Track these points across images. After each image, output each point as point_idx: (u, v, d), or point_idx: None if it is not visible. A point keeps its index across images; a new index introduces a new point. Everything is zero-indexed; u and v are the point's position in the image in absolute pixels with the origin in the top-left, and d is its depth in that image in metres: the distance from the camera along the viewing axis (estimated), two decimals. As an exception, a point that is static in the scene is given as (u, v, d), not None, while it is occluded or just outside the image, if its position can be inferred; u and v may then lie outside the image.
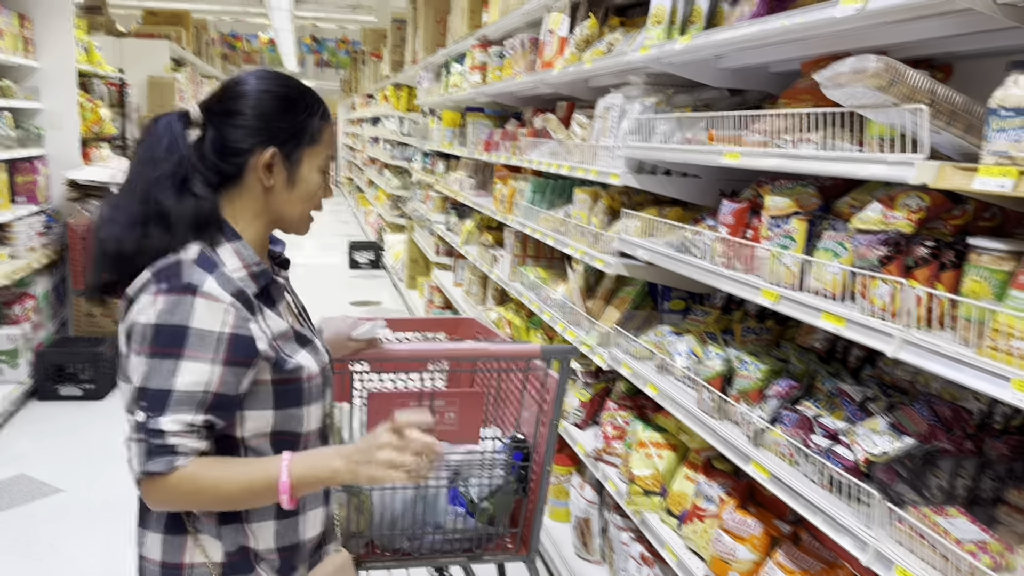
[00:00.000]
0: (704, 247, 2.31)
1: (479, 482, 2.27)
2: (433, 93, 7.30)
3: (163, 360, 1.30)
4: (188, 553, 1.43)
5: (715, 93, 2.84)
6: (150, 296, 1.33)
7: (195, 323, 1.31)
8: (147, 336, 1.31)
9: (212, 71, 14.93)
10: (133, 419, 1.32)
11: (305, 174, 1.50)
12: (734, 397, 2.19)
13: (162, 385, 1.30)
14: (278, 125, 1.46)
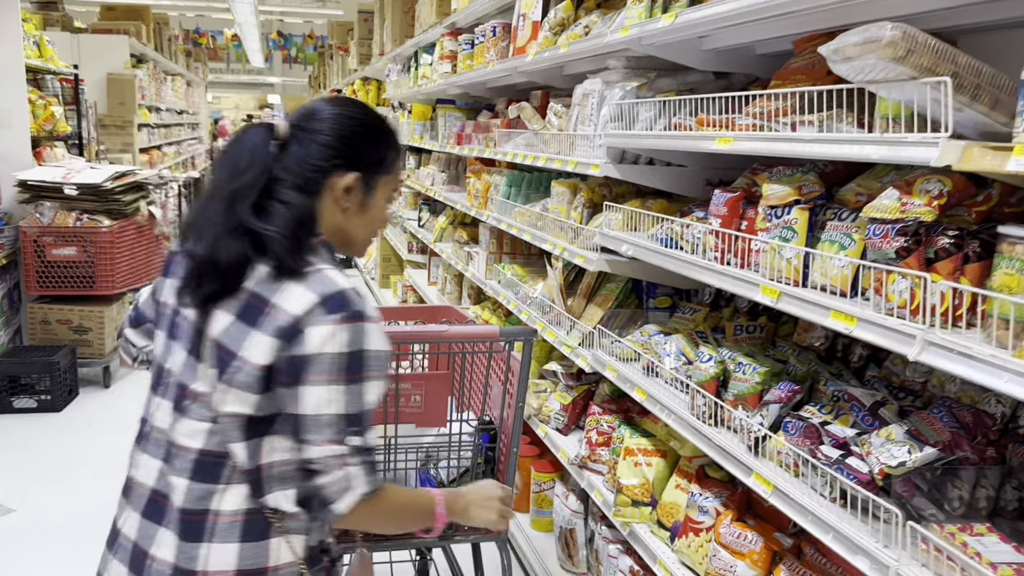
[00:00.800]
0: (694, 240, 2.15)
1: (448, 464, 2.29)
2: (402, 86, 7.09)
3: (357, 384, 1.38)
4: (273, 555, 1.44)
5: (699, 76, 2.68)
6: (330, 327, 1.36)
7: (371, 346, 1.39)
8: (341, 366, 1.36)
9: (175, 68, 14.57)
10: (346, 447, 1.38)
11: (377, 201, 1.58)
12: (730, 402, 2.03)
13: (360, 408, 1.39)
14: (361, 152, 1.53)
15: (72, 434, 4.77)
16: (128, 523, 1.50)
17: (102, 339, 5.46)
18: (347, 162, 1.51)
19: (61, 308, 5.42)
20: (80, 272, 5.37)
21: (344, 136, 1.51)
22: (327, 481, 1.37)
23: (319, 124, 1.51)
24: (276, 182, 1.44)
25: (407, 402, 2.17)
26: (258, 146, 1.46)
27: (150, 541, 1.43)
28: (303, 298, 1.37)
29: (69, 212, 5.35)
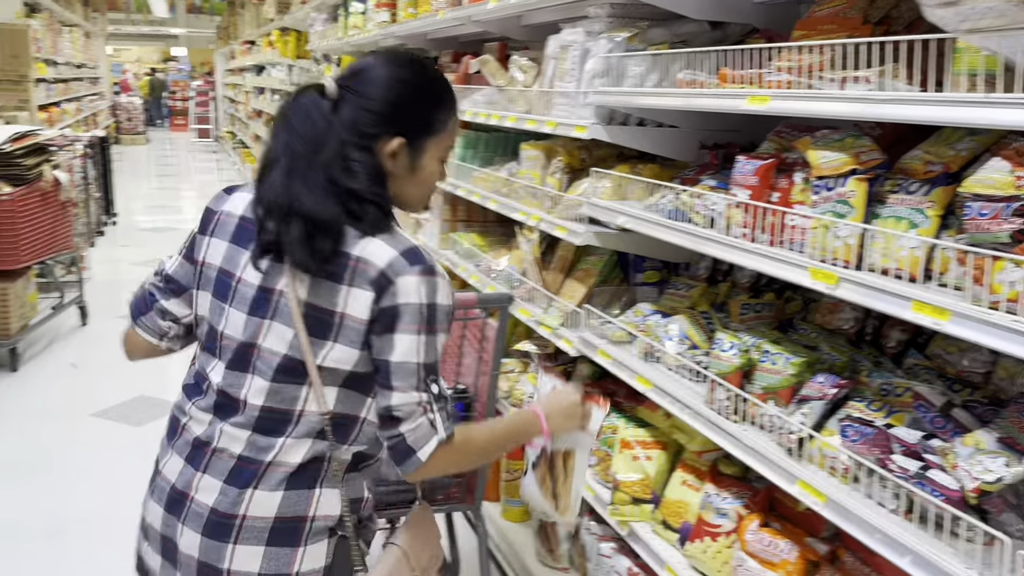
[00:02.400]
0: (709, 213, 1.90)
1: None
2: (328, 36, 6.63)
3: (434, 336, 1.42)
4: (315, 505, 1.45)
5: (693, 27, 2.42)
6: (415, 278, 1.40)
7: (446, 300, 1.44)
8: (423, 316, 1.40)
9: (72, 18, 13.51)
10: (428, 394, 1.42)
11: (426, 163, 1.53)
12: (759, 396, 1.81)
13: (435, 358, 1.43)
14: (409, 116, 1.48)
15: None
16: (170, 467, 1.51)
17: (7, 318, 4.93)
18: (394, 127, 1.46)
19: (-41, 285, 4.86)
20: (-21, 245, 4.82)
21: (391, 101, 1.46)
22: (410, 428, 1.41)
23: (366, 87, 1.46)
24: (343, 145, 1.44)
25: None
26: (322, 109, 1.44)
27: (193, 487, 1.46)
28: (386, 251, 1.41)
29: (-37, 178, 4.78)
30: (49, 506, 3.50)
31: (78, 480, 3.72)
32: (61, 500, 3.55)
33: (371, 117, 1.45)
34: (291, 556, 1.43)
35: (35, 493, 3.60)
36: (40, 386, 4.90)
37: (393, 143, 1.46)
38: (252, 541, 1.42)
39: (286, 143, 1.45)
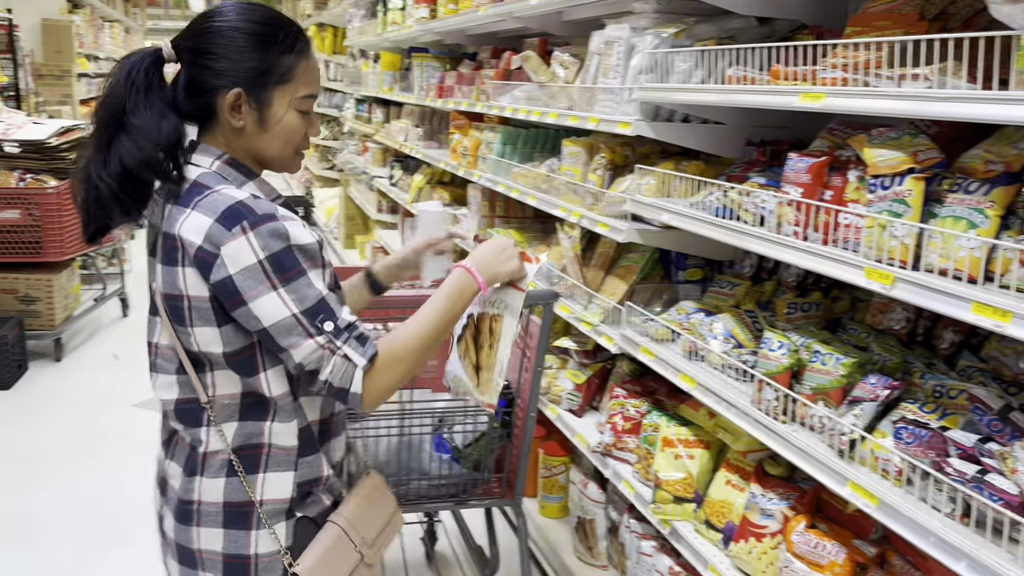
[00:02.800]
0: (758, 211, 1.88)
1: (463, 429, 2.30)
2: (367, 32, 6.66)
3: (299, 279, 1.35)
4: (259, 490, 1.45)
5: (741, 22, 2.39)
6: (238, 241, 1.33)
7: (290, 241, 1.35)
8: (267, 271, 1.33)
9: (113, 13, 13.71)
10: (325, 335, 1.35)
11: (278, 114, 1.44)
12: (808, 397, 1.79)
13: (314, 297, 1.36)
14: (244, 65, 1.41)
15: (24, 415, 4.38)
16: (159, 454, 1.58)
17: (52, 309, 5.04)
18: (231, 79, 1.40)
19: (5, 276, 4.96)
20: (25, 237, 4.92)
21: (222, 49, 1.40)
22: (327, 374, 1.37)
23: (197, 41, 1.42)
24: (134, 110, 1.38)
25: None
26: (122, 77, 1.40)
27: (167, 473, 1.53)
28: (202, 223, 1.35)
29: (11, 172, 4.87)
30: (92, 492, 3.56)
31: (119, 468, 3.78)
32: (103, 486, 3.61)
33: (206, 72, 1.41)
34: (246, 538, 1.45)
35: (78, 479, 3.67)
36: (83, 376, 5.00)
37: (229, 96, 1.40)
38: (211, 524, 1.46)
39: (95, 114, 1.44)
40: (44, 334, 5.05)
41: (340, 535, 1.51)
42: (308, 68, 1.46)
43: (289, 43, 1.43)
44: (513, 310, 1.59)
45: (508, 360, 1.58)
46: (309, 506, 1.50)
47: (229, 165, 1.45)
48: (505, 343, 1.57)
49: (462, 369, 1.62)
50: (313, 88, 1.48)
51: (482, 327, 1.60)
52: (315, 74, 1.49)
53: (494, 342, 1.57)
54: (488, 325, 1.60)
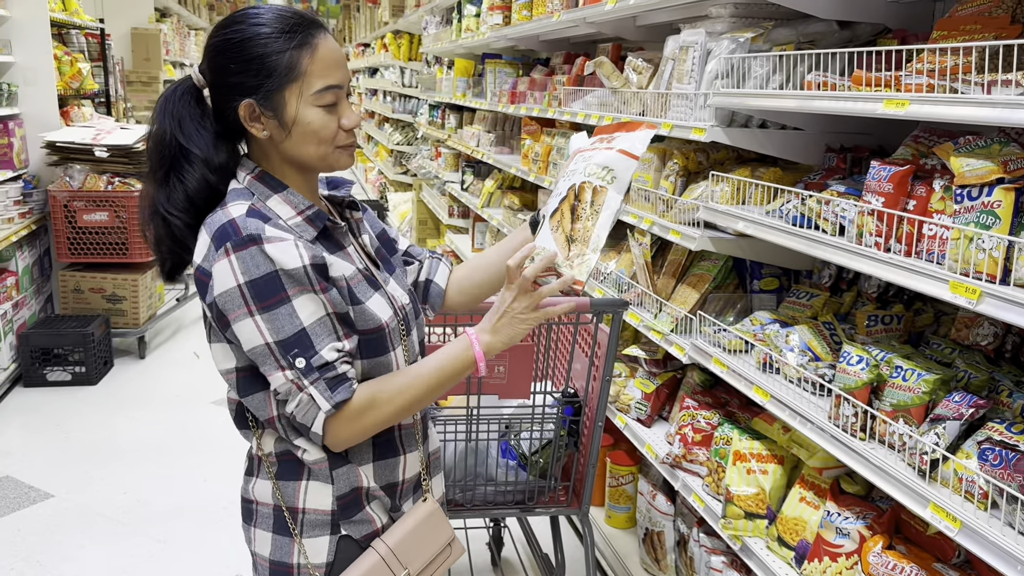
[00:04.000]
0: (838, 220, 1.83)
1: (530, 436, 2.30)
2: (442, 39, 6.72)
3: (278, 308, 1.30)
4: (301, 497, 1.44)
5: (821, 26, 2.33)
6: (222, 263, 1.30)
7: (276, 266, 1.30)
8: (246, 297, 1.30)
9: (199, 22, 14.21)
10: (294, 371, 1.32)
11: (296, 114, 1.38)
12: (887, 414, 1.72)
13: (293, 329, 1.31)
14: (247, 74, 1.36)
15: (109, 409, 4.55)
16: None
17: (136, 308, 5.23)
18: (237, 92, 1.37)
19: (94, 276, 5.18)
20: (113, 238, 5.12)
21: (218, 66, 1.38)
22: (292, 408, 1.35)
23: (205, 62, 1.41)
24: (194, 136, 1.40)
25: (490, 373, 2.18)
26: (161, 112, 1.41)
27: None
28: (203, 243, 1.35)
29: (100, 175, 5.08)
30: (172, 486, 3.68)
31: (197, 462, 3.90)
32: (182, 480, 3.73)
33: (217, 92, 1.39)
34: (290, 547, 1.46)
35: (159, 472, 3.79)
36: (164, 373, 5.17)
37: (242, 109, 1.37)
38: (264, 526, 1.48)
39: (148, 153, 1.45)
40: (128, 332, 5.25)
41: (379, 563, 1.46)
42: (316, 59, 1.36)
43: (286, 39, 1.35)
44: (621, 183, 1.44)
45: (605, 238, 1.41)
46: (356, 524, 1.47)
47: (258, 179, 1.42)
48: (606, 217, 1.41)
49: (552, 240, 1.41)
50: (329, 78, 1.37)
51: (583, 197, 1.42)
52: (328, 63, 1.38)
53: (593, 214, 1.40)
54: (590, 196, 1.43)
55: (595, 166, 1.45)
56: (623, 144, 1.47)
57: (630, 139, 1.48)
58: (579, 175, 1.45)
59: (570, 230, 1.41)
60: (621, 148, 1.45)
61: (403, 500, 1.55)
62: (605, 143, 1.50)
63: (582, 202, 1.42)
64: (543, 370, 2.36)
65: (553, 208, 1.44)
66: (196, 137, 1.39)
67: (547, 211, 1.46)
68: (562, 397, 2.26)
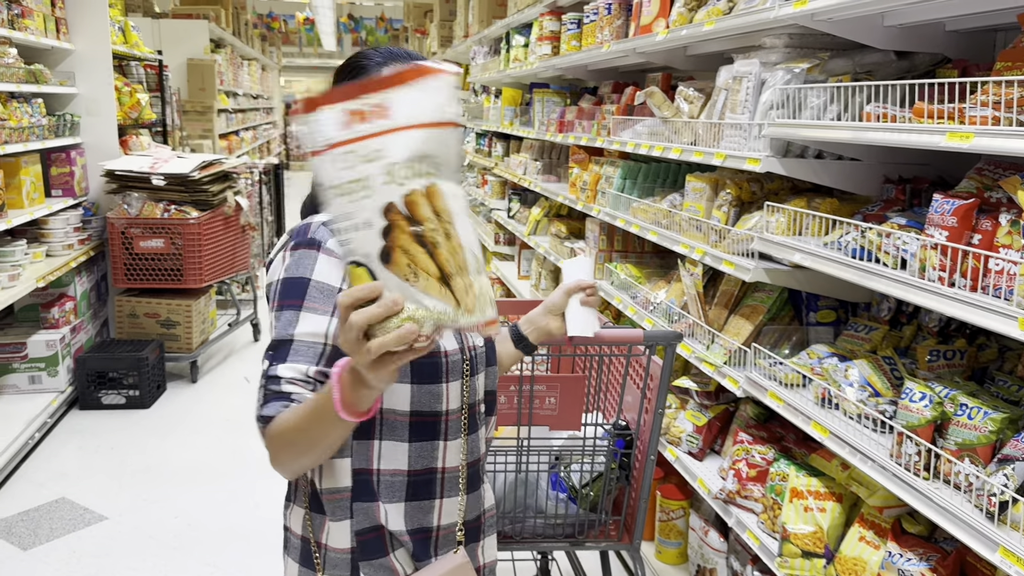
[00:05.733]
0: (899, 254, 1.79)
1: (581, 468, 2.26)
2: (489, 69, 6.79)
3: (287, 311, 1.32)
4: (324, 532, 1.41)
5: (878, 57, 2.30)
6: (280, 255, 1.37)
7: (316, 275, 1.33)
8: (277, 291, 1.34)
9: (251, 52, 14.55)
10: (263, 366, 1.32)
11: None
12: (952, 453, 1.67)
13: (284, 334, 1.31)
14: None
15: (161, 433, 4.63)
16: None
17: (189, 333, 5.32)
18: None
19: (149, 301, 5.29)
20: (168, 264, 5.23)
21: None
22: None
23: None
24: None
25: (541, 404, 2.16)
26: None
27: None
28: (282, 239, 1.42)
29: (156, 203, 5.20)
30: (225, 511, 3.72)
31: (251, 487, 3.93)
32: (236, 506, 3.76)
33: None
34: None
35: (210, 496, 3.84)
36: (216, 397, 5.24)
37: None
38: (293, 555, 1.46)
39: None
40: (181, 357, 5.34)
41: None
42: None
43: (357, 65, 1.45)
44: (448, 166, 1.00)
45: (478, 244, 1.02)
46: (376, 569, 1.40)
47: None
48: (464, 224, 1.00)
49: (419, 292, 0.98)
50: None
51: (419, 213, 0.97)
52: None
53: (448, 228, 0.98)
54: (428, 208, 0.98)
55: (398, 163, 0.97)
56: (416, 113, 0.97)
57: (422, 100, 0.98)
58: (385, 185, 0.97)
59: (437, 267, 0.98)
60: (419, 122, 0.97)
61: (440, 550, 1.46)
62: (375, 120, 0.97)
63: (424, 221, 0.97)
64: (594, 402, 2.34)
65: (379, 248, 0.97)
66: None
67: (364, 252, 0.98)
68: (613, 430, 2.23)
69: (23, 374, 4.67)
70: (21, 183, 4.61)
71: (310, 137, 0.99)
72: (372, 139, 0.96)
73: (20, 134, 4.43)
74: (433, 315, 0.98)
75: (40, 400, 4.56)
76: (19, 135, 4.41)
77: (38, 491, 3.89)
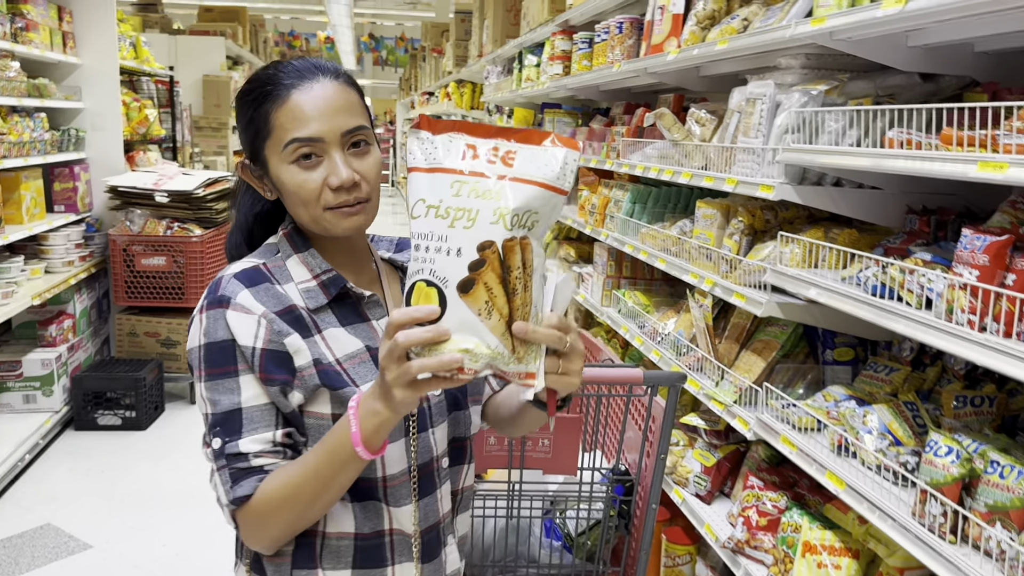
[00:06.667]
0: (924, 293, 1.64)
1: (577, 515, 2.11)
2: (502, 89, 6.69)
3: (222, 379, 1.19)
4: None
5: (901, 79, 2.16)
6: (197, 318, 1.23)
7: (231, 336, 1.19)
8: (201, 358, 1.21)
9: (269, 70, 14.58)
10: (211, 450, 1.20)
11: (277, 174, 1.25)
12: (982, 516, 1.51)
13: (229, 405, 1.19)
14: (242, 132, 1.30)
15: (155, 456, 4.51)
16: None
17: (189, 353, 5.21)
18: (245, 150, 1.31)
19: (149, 320, 5.19)
20: (170, 283, 5.14)
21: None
22: (215, 497, 1.21)
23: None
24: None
25: (534, 446, 2.03)
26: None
27: None
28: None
29: (160, 220, 5.12)
30: (213, 540, 3.57)
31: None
32: (224, 535, 3.62)
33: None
34: None
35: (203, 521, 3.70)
36: (214, 420, 5.11)
37: (237, 168, 1.33)
38: None
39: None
40: (181, 377, 5.23)
41: None
42: (285, 110, 1.21)
43: (263, 91, 1.23)
44: (542, 229, 1.05)
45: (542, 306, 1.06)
46: None
47: (288, 235, 1.32)
48: (540, 284, 1.05)
49: (487, 329, 1.01)
50: (295, 130, 1.20)
51: (511, 260, 1.01)
52: (298, 113, 1.21)
53: (528, 281, 1.03)
54: (519, 257, 1.02)
55: (510, 209, 1.01)
56: (539, 171, 1.03)
57: (548, 163, 1.04)
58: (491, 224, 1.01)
59: (508, 310, 1.01)
60: (541, 180, 1.03)
61: None
62: (496, 163, 1.04)
63: (512, 268, 1.01)
64: (592, 443, 2.19)
65: (462, 277, 1.00)
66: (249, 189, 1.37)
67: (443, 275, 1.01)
68: (612, 475, 2.08)
69: (17, 393, 4.57)
70: (21, 198, 4.53)
71: (420, 155, 1.06)
72: (490, 180, 1.03)
73: (20, 148, 4.35)
74: (492, 354, 1.01)
75: (33, 420, 4.45)
76: (19, 149, 4.34)
77: (24, 516, 3.77)
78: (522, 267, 1.02)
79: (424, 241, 1.02)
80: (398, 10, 18.31)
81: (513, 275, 1.01)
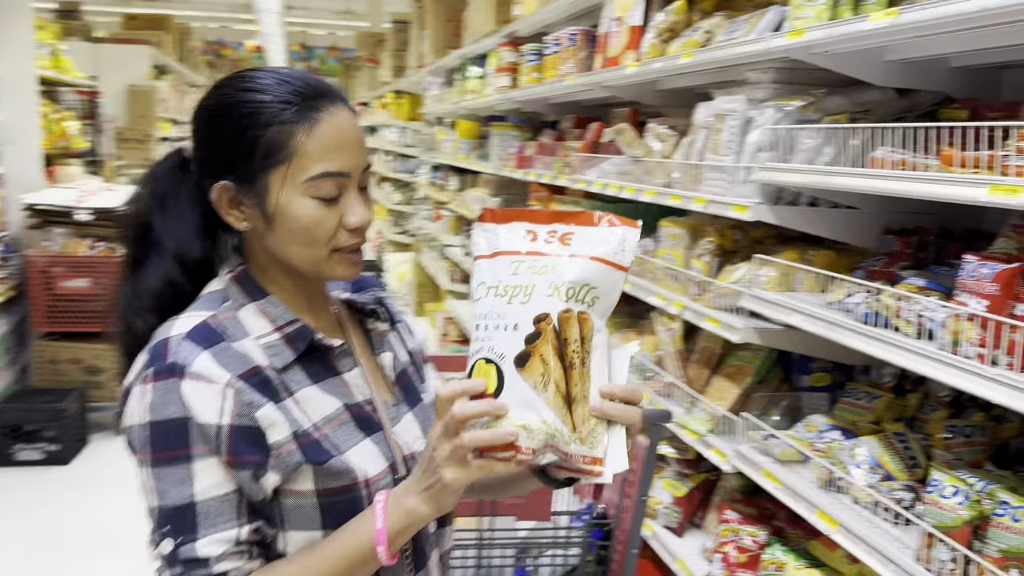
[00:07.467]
0: (921, 323, 1.55)
1: (552, 562, 1.98)
2: (444, 100, 6.54)
3: (171, 466, 1.01)
4: None
5: (876, 94, 2.09)
6: (138, 388, 1.03)
7: (193, 413, 1.01)
8: (145, 440, 1.02)
9: (198, 79, 14.13)
10: (159, 551, 1.03)
11: (282, 205, 1.07)
12: (995, 561, 1.42)
13: (180, 499, 1.01)
14: (219, 151, 1.09)
15: (82, 493, 4.20)
16: None
17: (116, 380, 4.90)
18: (215, 170, 1.10)
19: (72, 346, 4.87)
20: (93, 306, 4.82)
21: (199, 136, 1.12)
22: None
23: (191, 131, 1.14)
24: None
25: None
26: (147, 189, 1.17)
27: None
28: (141, 356, 1.07)
29: (82, 239, 4.81)
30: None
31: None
32: None
33: (198, 167, 1.13)
34: None
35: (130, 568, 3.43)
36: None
37: (214, 192, 1.10)
38: None
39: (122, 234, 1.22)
40: (107, 407, 4.90)
41: None
42: (315, 136, 1.06)
43: (280, 108, 1.06)
44: (604, 306, 1.02)
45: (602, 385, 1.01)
46: None
47: (236, 280, 1.14)
48: (598, 359, 1.00)
49: (543, 403, 0.97)
50: (329, 162, 1.07)
51: (568, 333, 0.98)
52: (331, 143, 1.07)
53: (586, 357, 0.99)
54: (577, 330, 0.99)
55: (565, 282, 0.99)
56: (595, 248, 1.01)
57: (606, 240, 1.02)
58: (547, 297, 0.99)
59: (566, 388, 0.97)
60: (597, 255, 1.01)
61: None
62: (554, 243, 1.03)
63: (570, 341, 0.98)
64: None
65: (518, 351, 0.97)
66: (175, 224, 1.14)
67: (500, 352, 0.98)
68: (590, 519, 1.94)
69: (-75, 429, 4.22)
70: (-74, 218, 4.19)
71: (484, 244, 1.06)
72: (547, 257, 1.02)
73: (-74, 165, 4.03)
74: (549, 429, 0.97)
75: (-57, 458, 4.11)
76: (-75, 166, 4.01)
77: (-68, 566, 3.46)
78: (580, 341, 0.99)
79: (483, 320, 1.01)
80: (330, 19, 17.98)
81: (570, 348, 0.98)
